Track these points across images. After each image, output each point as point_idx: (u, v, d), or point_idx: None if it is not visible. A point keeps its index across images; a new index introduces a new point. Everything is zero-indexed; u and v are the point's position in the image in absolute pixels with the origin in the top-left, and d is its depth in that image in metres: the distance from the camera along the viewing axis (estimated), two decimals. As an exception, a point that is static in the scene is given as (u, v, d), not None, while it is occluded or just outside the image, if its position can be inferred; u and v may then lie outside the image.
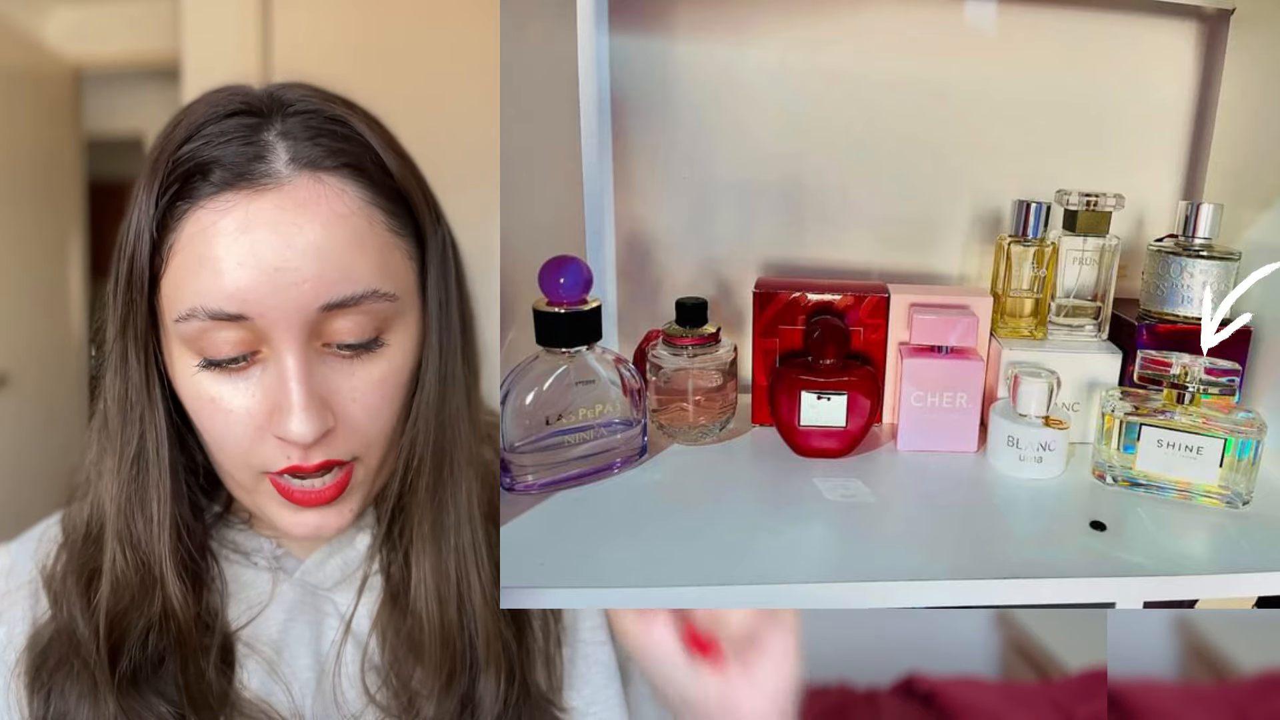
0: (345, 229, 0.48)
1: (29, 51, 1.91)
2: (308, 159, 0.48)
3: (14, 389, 1.85)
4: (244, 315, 0.47)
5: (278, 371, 0.48)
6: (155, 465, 0.51)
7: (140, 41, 1.92)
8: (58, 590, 0.54)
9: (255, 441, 0.49)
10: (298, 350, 0.48)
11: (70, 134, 2.07)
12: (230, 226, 0.47)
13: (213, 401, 0.49)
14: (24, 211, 1.91)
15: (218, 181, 0.47)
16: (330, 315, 0.48)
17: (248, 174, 0.47)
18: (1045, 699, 0.95)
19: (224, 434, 0.50)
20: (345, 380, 0.50)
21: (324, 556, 0.57)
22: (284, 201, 0.47)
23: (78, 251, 2.11)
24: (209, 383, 0.49)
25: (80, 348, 2.13)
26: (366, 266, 0.49)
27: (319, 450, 0.50)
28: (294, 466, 0.50)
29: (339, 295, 0.48)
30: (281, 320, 0.47)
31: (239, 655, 0.54)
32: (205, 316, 0.47)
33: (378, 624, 0.54)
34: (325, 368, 0.49)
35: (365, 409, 0.51)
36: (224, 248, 0.46)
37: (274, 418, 0.49)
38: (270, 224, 0.47)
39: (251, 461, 0.50)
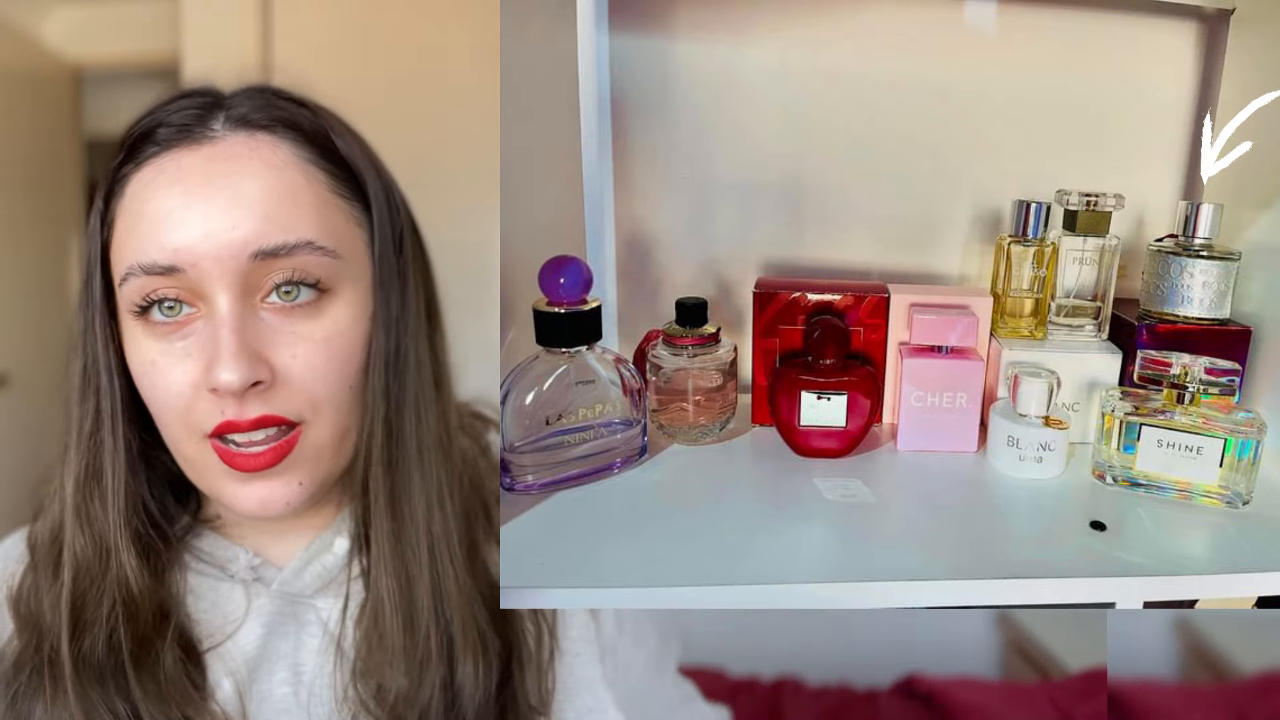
0: (279, 180, 0.49)
1: (29, 51, 1.91)
2: (241, 117, 0.50)
3: (14, 389, 1.85)
4: (176, 267, 0.47)
5: (212, 324, 0.48)
6: (110, 436, 0.51)
7: (140, 41, 1.92)
8: (28, 591, 0.53)
9: (192, 400, 0.49)
10: (230, 300, 0.48)
11: (70, 134, 2.07)
12: (164, 180, 0.48)
13: (154, 364, 0.49)
14: (24, 211, 1.91)
15: (159, 141, 0.49)
16: (264, 264, 0.48)
17: (185, 133, 0.49)
18: (1045, 699, 0.95)
19: (164, 396, 0.49)
20: (284, 335, 0.49)
21: (301, 564, 0.55)
22: (215, 154, 0.48)
23: (78, 252, 2.11)
24: (152, 344, 0.49)
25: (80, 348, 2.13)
26: (302, 218, 0.49)
27: (253, 403, 0.49)
28: (228, 421, 0.49)
29: (271, 242, 0.48)
30: (214, 269, 0.47)
31: (214, 672, 0.53)
32: (140, 272, 0.48)
33: (355, 625, 0.53)
34: (262, 323, 0.49)
35: (306, 367, 0.50)
36: (157, 202, 0.48)
37: (207, 372, 0.48)
38: (201, 174, 0.48)
39: (191, 421, 0.49)
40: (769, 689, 0.98)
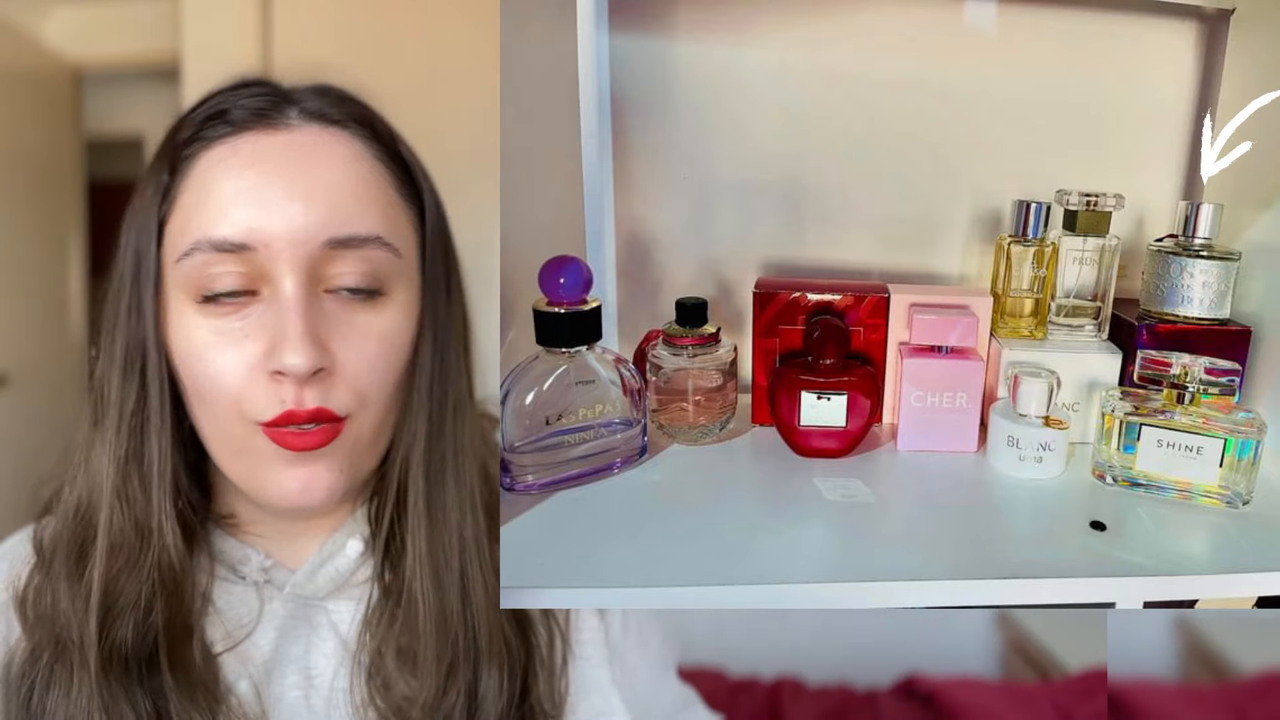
0: (352, 174, 0.49)
1: (29, 51, 1.91)
2: (316, 111, 0.50)
3: (14, 389, 1.85)
4: (248, 245, 0.47)
5: (277, 306, 0.48)
6: (157, 416, 0.50)
7: (140, 41, 1.92)
8: (36, 591, 0.52)
9: (249, 384, 0.48)
10: (299, 284, 0.48)
11: (70, 134, 2.07)
12: (239, 162, 0.48)
13: (206, 346, 0.48)
14: (24, 211, 1.91)
15: (233, 121, 0.49)
16: (334, 254, 0.48)
17: (260, 116, 0.49)
18: (1045, 699, 0.95)
19: (217, 379, 0.48)
20: (345, 325, 0.49)
21: (314, 566, 0.55)
22: (292, 142, 0.49)
23: (78, 251, 2.11)
24: (205, 324, 0.48)
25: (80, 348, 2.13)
26: (372, 213, 0.50)
27: (313, 392, 0.48)
28: (288, 413, 0.48)
29: (344, 232, 0.48)
30: (286, 251, 0.47)
31: (228, 674, 0.52)
32: (209, 248, 0.47)
33: (373, 630, 0.53)
34: (324, 312, 0.49)
35: (363, 359, 0.50)
36: (232, 180, 0.47)
37: (271, 355, 0.47)
38: (278, 159, 0.48)
39: (244, 409, 0.48)
40: (769, 689, 0.98)
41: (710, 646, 0.98)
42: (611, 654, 0.58)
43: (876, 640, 0.99)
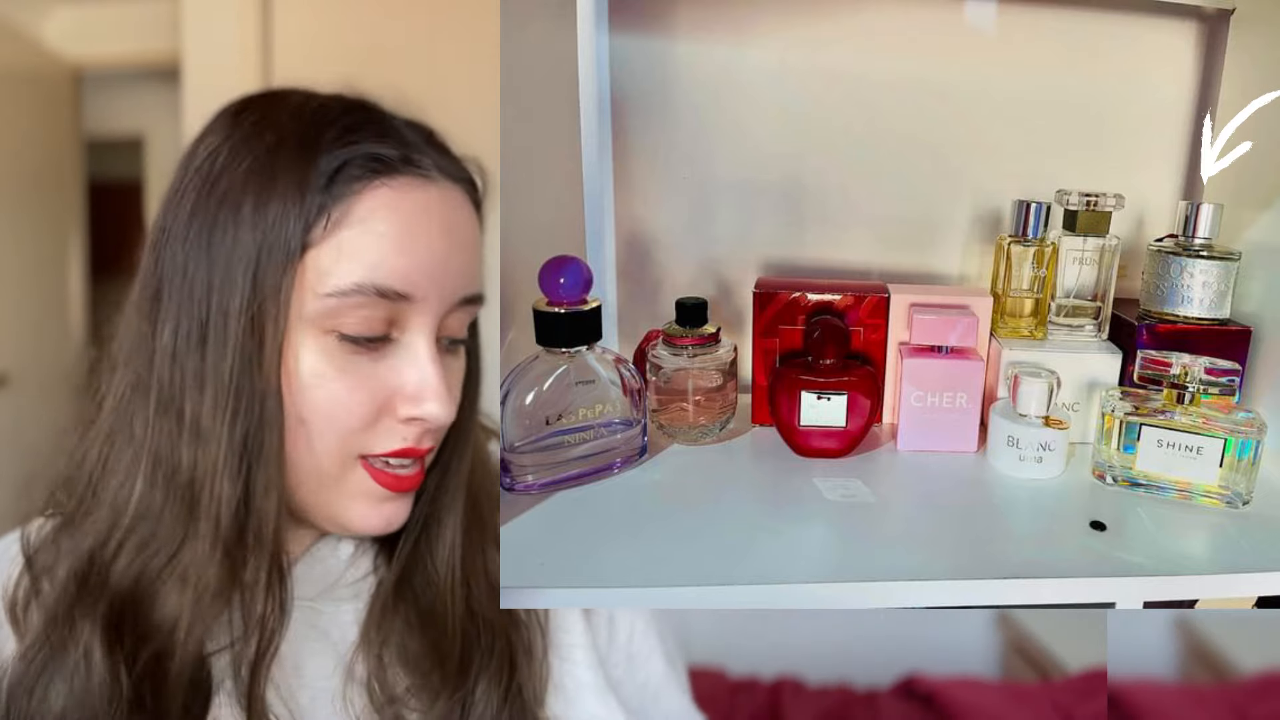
0: (475, 234, 0.52)
1: (29, 51, 1.91)
2: (442, 166, 0.51)
3: (14, 389, 1.85)
4: (409, 296, 0.48)
5: (410, 355, 0.49)
6: (277, 454, 0.48)
7: (140, 41, 1.92)
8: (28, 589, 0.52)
9: (369, 421, 0.49)
10: (432, 336, 0.50)
11: (70, 134, 2.07)
12: (405, 209, 0.48)
13: (330, 378, 0.48)
14: (24, 211, 1.91)
15: (392, 161, 0.48)
16: (459, 309, 0.51)
17: (411, 162, 0.49)
18: (1045, 699, 0.95)
19: (333, 411, 0.48)
20: (451, 375, 0.52)
21: (305, 569, 0.55)
22: (445, 197, 0.50)
23: (78, 251, 2.11)
24: (335, 358, 0.48)
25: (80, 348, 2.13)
26: (480, 269, 0.53)
27: (430, 436, 0.51)
28: (407, 449, 0.50)
29: (473, 290, 0.51)
30: (433, 305, 0.49)
31: (217, 676, 0.51)
32: (372, 292, 0.47)
33: (369, 630, 0.53)
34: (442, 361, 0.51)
35: (455, 405, 0.52)
36: (404, 225, 0.48)
37: (403, 400, 0.49)
38: (436, 215, 0.49)
39: (354, 443, 0.49)
40: (769, 689, 0.98)
41: (710, 646, 0.98)
42: (600, 657, 0.58)
43: (876, 640, 0.99)
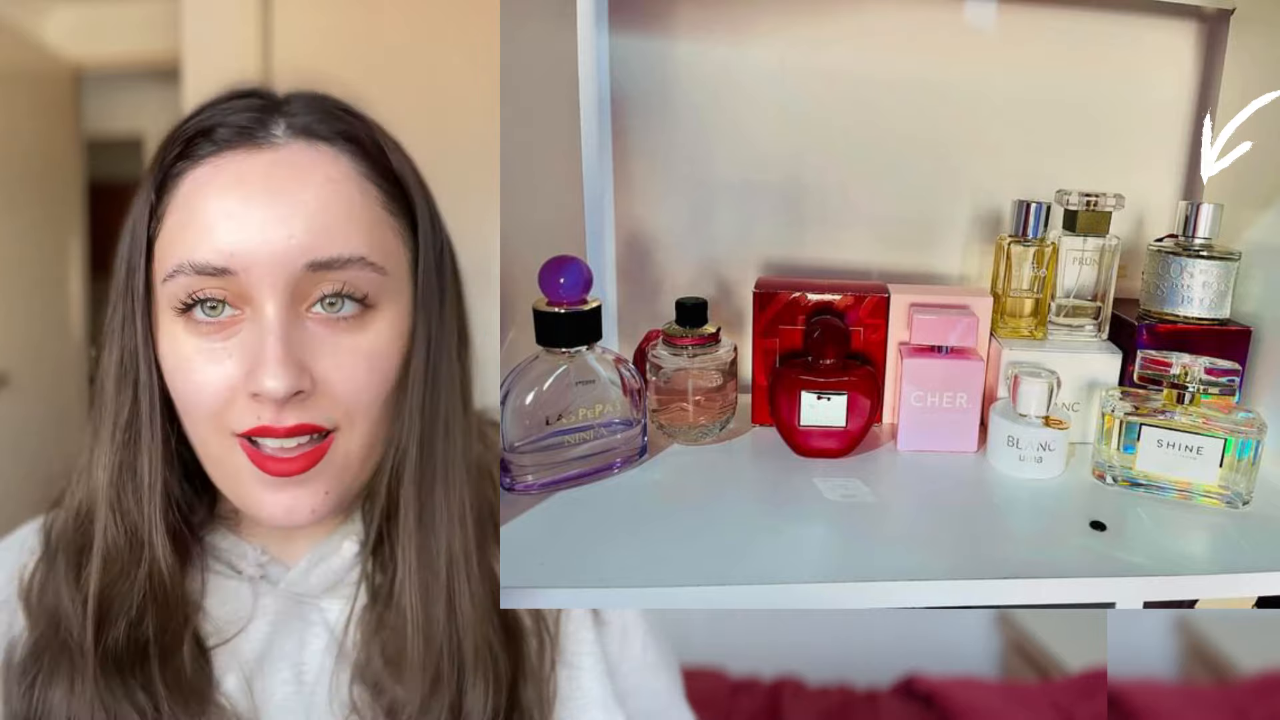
0: (337, 194, 0.49)
1: (29, 51, 1.91)
2: (303, 127, 0.50)
3: (14, 389, 1.85)
4: (229, 269, 0.47)
5: (258, 329, 0.48)
6: (148, 429, 0.50)
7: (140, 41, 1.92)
8: (40, 583, 0.53)
9: (228, 402, 0.49)
10: (280, 308, 0.48)
11: (70, 134, 2.07)
12: (223, 181, 0.48)
13: (189, 361, 0.49)
14: (24, 211, 1.91)
15: (217, 140, 0.49)
16: (315, 276, 0.49)
17: (246, 134, 0.49)
18: (1045, 699, 0.95)
19: (198, 393, 0.49)
20: (327, 346, 0.50)
21: (310, 564, 0.55)
22: (277, 161, 0.49)
23: (78, 251, 2.11)
24: (190, 341, 0.49)
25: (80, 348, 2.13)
26: (356, 233, 0.50)
27: (291, 410, 0.49)
28: (264, 426, 0.49)
29: (325, 255, 0.48)
30: (266, 276, 0.48)
31: (219, 668, 0.53)
32: (191, 271, 0.48)
33: (363, 631, 0.53)
34: (306, 332, 0.49)
35: (346, 378, 0.50)
36: (215, 201, 0.48)
37: (249, 377, 0.48)
38: (262, 180, 0.48)
39: (223, 422, 0.49)
40: (769, 689, 0.98)
41: (710, 646, 0.98)
42: (611, 668, 0.58)
43: (876, 640, 0.99)
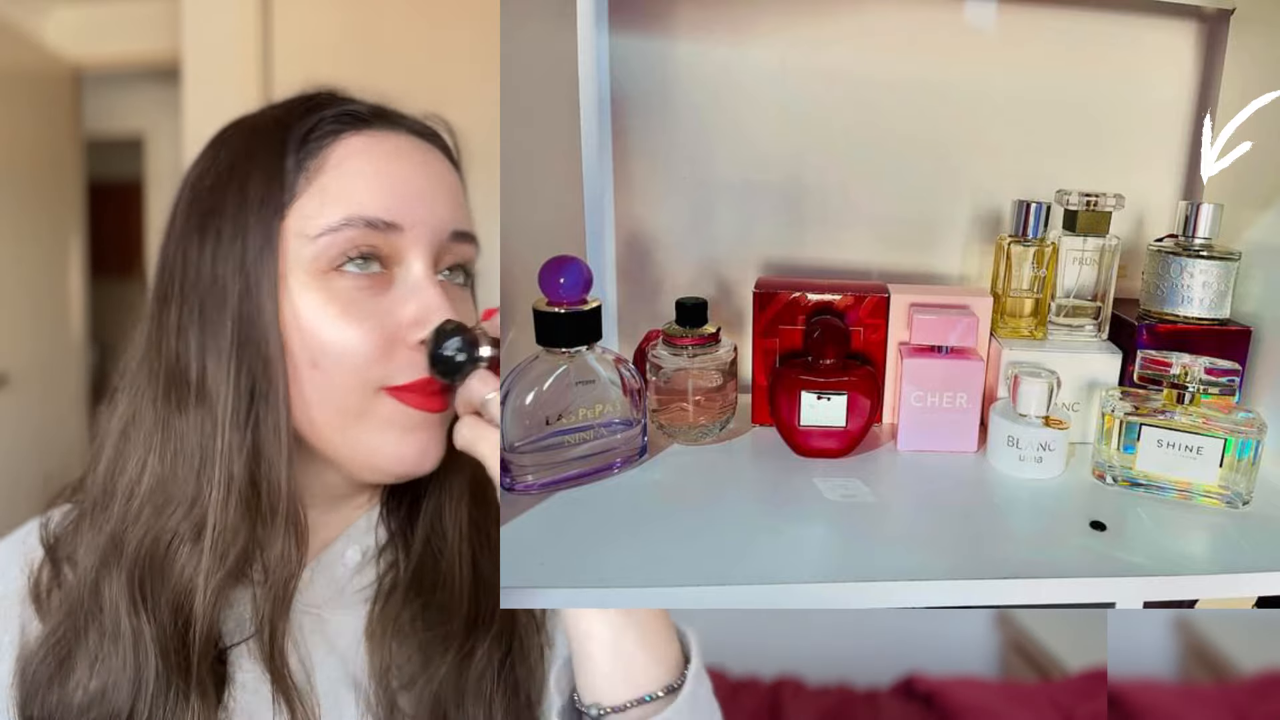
0: (455, 180, 0.56)
1: (29, 51, 1.91)
2: (407, 124, 0.55)
3: (14, 389, 1.86)
4: (398, 224, 0.51)
5: (410, 284, 0.52)
6: (279, 396, 0.50)
7: (140, 41, 1.92)
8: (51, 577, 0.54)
9: (383, 353, 0.50)
10: (426, 266, 0.52)
11: (70, 134, 2.07)
12: (382, 151, 0.52)
13: (336, 316, 0.50)
14: (24, 211, 1.91)
15: (358, 115, 0.53)
16: (451, 245, 0.54)
17: (380, 115, 0.54)
18: (1045, 699, 0.95)
19: (344, 347, 0.50)
20: (454, 302, 0.53)
21: (311, 574, 0.55)
22: (416, 146, 0.54)
23: (78, 251, 2.11)
24: (336, 297, 0.50)
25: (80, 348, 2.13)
26: (468, 215, 0.56)
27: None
28: (425, 378, 0.51)
29: (464, 226, 0.55)
30: (425, 235, 0.52)
31: (230, 672, 0.52)
32: (362, 224, 0.50)
33: (377, 632, 0.53)
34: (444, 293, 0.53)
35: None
36: (381, 164, 0.52)
37: (410, 327, 0.51)
38: (413, 157, 0.53)
39: (374, 376, 0.51)
40: (769, 689, 0.98)
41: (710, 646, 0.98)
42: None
43: (876, 640, 0.99)
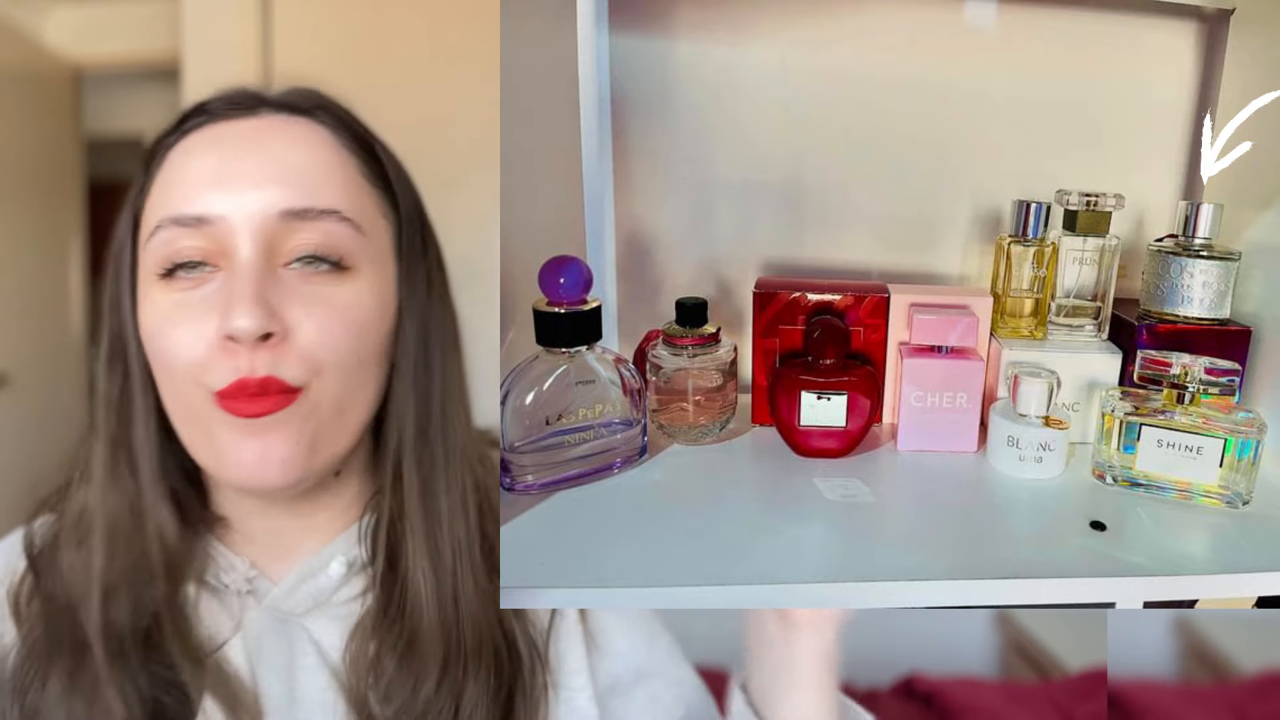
0: (313, 155, 0.51)
1: (29, 51, 1.91)
2: (284, 102, 0.53)
3: (14, 389, 1.85)
4: (206, 218, 0.49)
5: (232, 275, 0.49)
6: (140, 399, 0.51)
7: (140, 41, 1.92)
8: (31, 588, 0.53)
9: (207, 354, 0.49)
10: (254, 253, 0.49)
11: (70, 134, 2.07)
12: (202, 144, 0.51)
13: (168, 318, 0.49)
14: (24, 211, 1.91)
15: (208, 110, 0.52)
16: (291, 226, 0.49)
17: (234, 108, 0.52)
18: (1045, 699, 0.95)
19: (176, 350, 0.49)
20: (303, 295, 0.50)
21: (294, 582, 0.54)
22: (257, 125, 0.51)
23: (78, 251, 2.11)
24: (168, 299, 0.49)
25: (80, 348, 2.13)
26: (331, 188, 0.51)
27: (264, 359, 0.48)
28: (239, 381, 0.48)
29: (299, 204, 0.49)
30: (242, 223, 0.49)
31: (206, 683, 0.51)
32: (170, 224, 0.49)
33: (360, 641, 0.52)
34: (280, 281, 0.50)
35: (320, 328, 0.50)
36: (194, 161, 0.50)
37: (223, 319, 0.48)
38: (241, 139, 0.51)
39: (201, 378, 0.49)
40: (769, 689, 0.97)
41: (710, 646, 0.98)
42: (600, 691, 0.57)
43: (876, 640, 0.99)
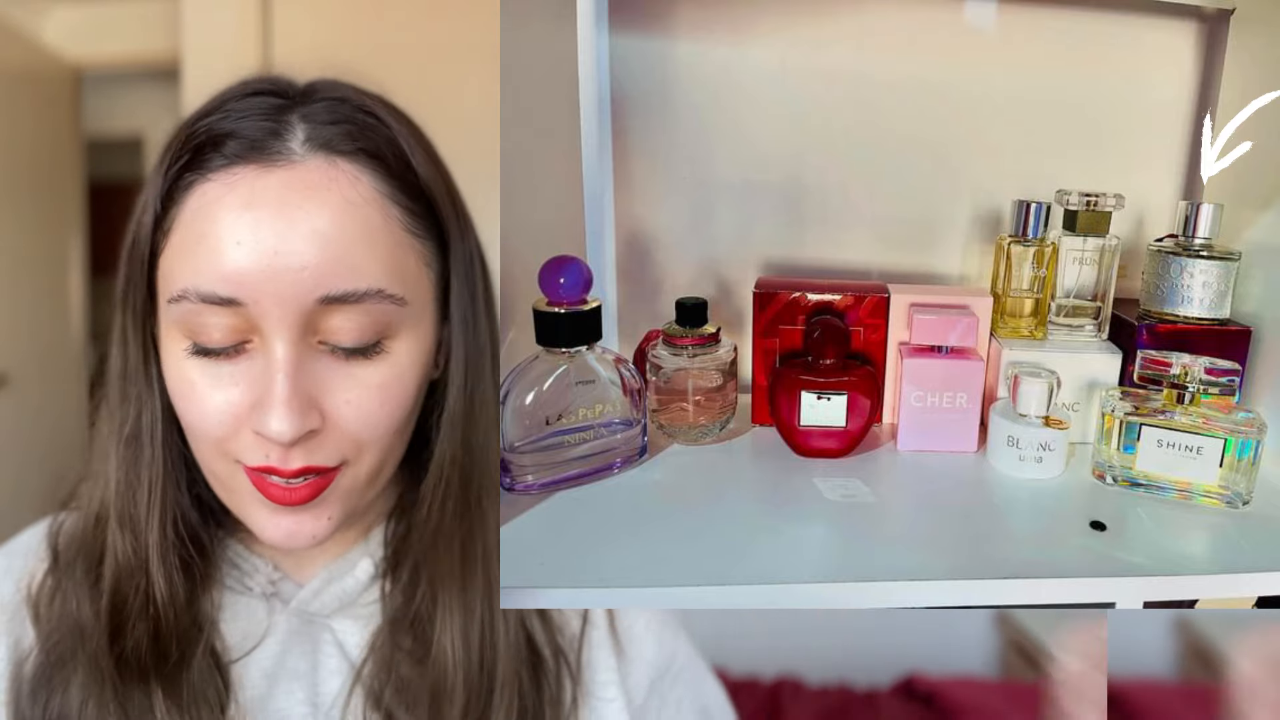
0: (355, 219, 0.45)
1: (29, 51, 1.91)
2: (324, 140, 0.46)
3: (14, 389, 1.85)
4: (236, 300, 0.44)
5: (266, 363, 0.45)
6: (149, 445, 0.49)
7: (140, 41, 1.92)
8: (50, 592, 0.52)
9: (233, 432, 0.46)
10: (289, 342, 0.45)
11: (70, 134, 2.06)
12: (233, 202, 0.44)
13: (193, 386, 0.46)
14: (24, 211, 1.91)
15: (229, 154, 0.45)
16: (329, 310, 0.45)
17: (259, 148, 0.45)
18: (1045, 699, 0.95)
19: (201, 419, 0.47)
20: (339, 381, 0.47)
21: (321, 584, 0.54)
22: (292, 181, 0.45)
23: (78, 251, 2.11)
24: (193, 367, 0.46)
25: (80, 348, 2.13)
26: (375, 263, 0.46)
27: (299, 453, 0.46)
28: (270, 467, 0.47)
29: (340, 288, 0.45)
30: (276, 309, 0.44)
31: (233, 687, 0.51)
32: (197, 299, 0.44)
33: (381, 657, 0.52)
34: (318, 366, 0.46)
35: (359, 413, 0.47)
36: (224, 225, 0.44)
37: (255, 412, 0.46)
38: (275, 203, 0.44)
39: (228, 450, 0.47)
40: (769, 689, 0.98)
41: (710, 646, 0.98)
42: (629, 699, 0.57)
43: (876, 640, 0.99)
